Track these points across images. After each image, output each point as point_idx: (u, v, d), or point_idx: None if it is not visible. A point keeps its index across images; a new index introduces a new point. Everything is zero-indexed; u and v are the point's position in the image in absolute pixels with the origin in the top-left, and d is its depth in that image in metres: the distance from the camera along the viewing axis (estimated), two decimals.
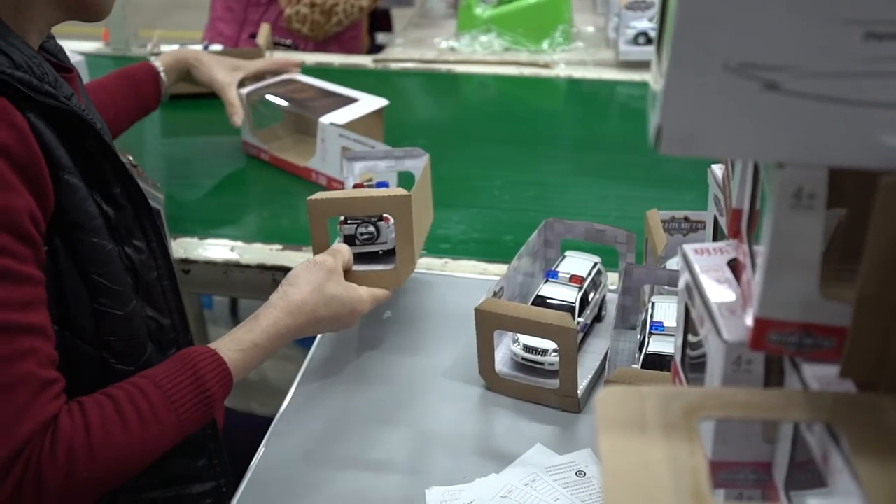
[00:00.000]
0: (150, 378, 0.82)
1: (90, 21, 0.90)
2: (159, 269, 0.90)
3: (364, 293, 0.97)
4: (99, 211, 0.83)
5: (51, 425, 0.75)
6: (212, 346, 0.87)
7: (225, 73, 1.46)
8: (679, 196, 1.38)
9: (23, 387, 0.73)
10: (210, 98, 1.54)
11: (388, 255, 1.04)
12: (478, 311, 0.92)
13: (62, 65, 0.93)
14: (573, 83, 1.91)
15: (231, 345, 0.87)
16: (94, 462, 0.76)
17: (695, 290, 0.56)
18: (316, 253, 1.01)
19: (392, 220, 1.02)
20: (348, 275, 0.99)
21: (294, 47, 2.15)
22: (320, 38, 2.14)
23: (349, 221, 1.02)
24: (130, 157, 1.01)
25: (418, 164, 1.14)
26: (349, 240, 1.02)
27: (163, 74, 1.39)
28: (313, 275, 0.94)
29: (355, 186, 1.10)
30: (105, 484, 0.78)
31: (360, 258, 1.03)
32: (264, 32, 1.72)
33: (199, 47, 1.79)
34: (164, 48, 1.82)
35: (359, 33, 2.26)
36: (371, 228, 1.02)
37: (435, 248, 1.25)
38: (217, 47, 1.78)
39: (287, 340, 0.91)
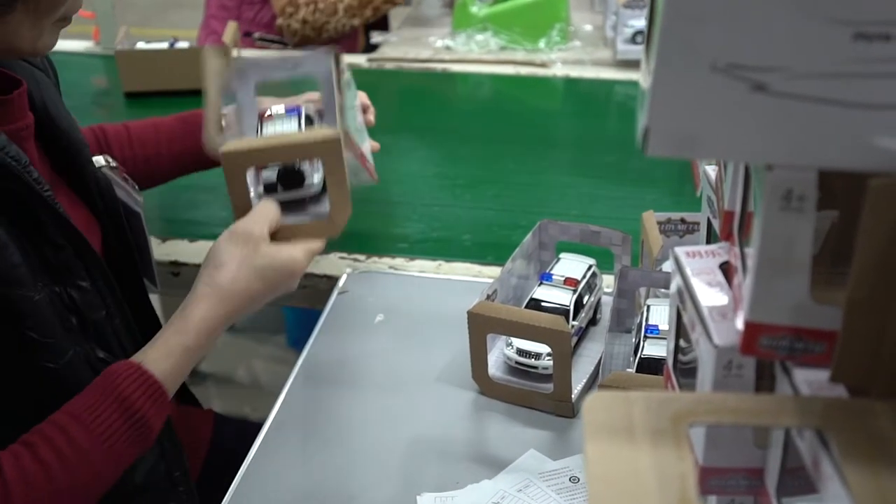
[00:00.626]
0: (69, 412, 0.77)
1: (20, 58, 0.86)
2: (108, 307, 0.87)
3: (298, 252, 0.90)
4: (29, 256, 0.79)
5: None
6: (137, 358, 0.82)
7: None
8: (676, 197, 1.38)
9: None
10: (184, 96, 1.52)
11: (318, 199, 0.96)
12: (470, 314, 0.92)
13: (13, 75, 0.88)
14: (570, 82, 1.91)
15: (158, 354, 0.82)
16: None
17: (686, 293, 0.56)
18: (238, 216, 0.92)
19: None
20: (277, 233, 0.91)
21: (286, 45, 2.16)
22: (323, 39, 2.15)
23: (268, 165, 0.92)
24: (109, 159, 1.01)
25: (320, 66, 1.00)
26: (270, 188, 0.93)
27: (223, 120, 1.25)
28: (238, 248, 0.87)
29: (260, 117, 0.98)
30: None
31: (286, 207, 0.93)
32: (230, 31, 1.72)
33: (164, 45, 1.79)
34: (141, 45, 1.82)
35: (355, 32, 2.27)
36: (295, 172, 0.92)
37: (426, 250, 1.25)
38: (183, 44, 1.79)
39: (224, 329, 0.87)
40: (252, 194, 0.93)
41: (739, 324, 0.49)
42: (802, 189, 0.45)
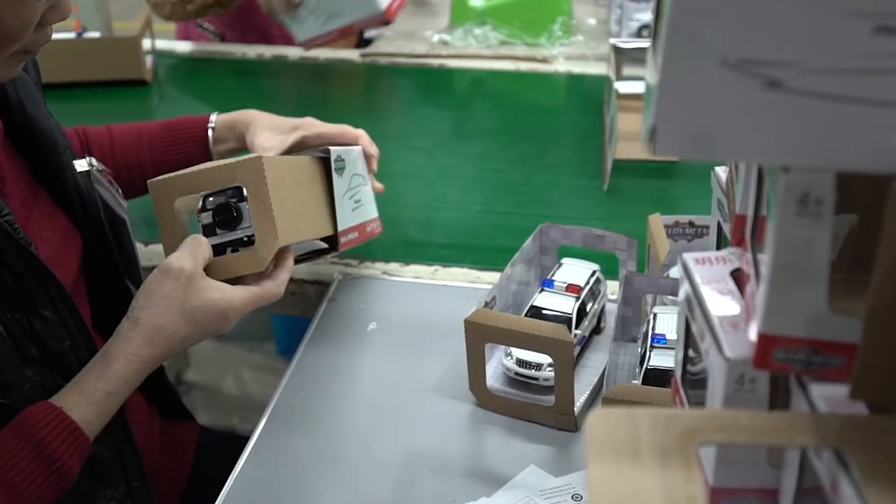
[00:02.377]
0: None
1: None
2: (73, 338, 0.86)
3: (234, 293, 0.87)
4: None
5: None
6: (57, 400, 0.80)
7: (271, 135, 1.16)
8: (684, 199, 1.37)
9: None
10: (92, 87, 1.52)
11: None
12: (468, 322, 0.92)
13: None
14: (573, 79, 1.91)
15: (79, 398, 0.81)
16: None
17: (695, 302, 0.55)
18: (168, 251, 0.90)
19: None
20: (208, 268, 0.89)
21: (220, 36, 2.06)
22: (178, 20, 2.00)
23: (207, 207, 0.92)
24: (95, 162, 1.00)
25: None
26: (208, 230, 0.91)
27: (210, 130, 1.17)
28: (168, 288, 0.85)
29: None
30: None
31: (224, 249, 0.92)
32: (142, 18, 1.70)
33: (72, 35, 1.78)
34: (91, 35, 1.81)
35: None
36: (230, 209, 0.90)
37: (422, 254, 1.24)
38: (94, 34, 1.78)
39: (148, 371, 0.85)
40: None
41: (752, 335, 0.48)
42: (819, 192, 0.44)
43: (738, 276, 0.55)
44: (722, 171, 0.73)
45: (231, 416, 2.07)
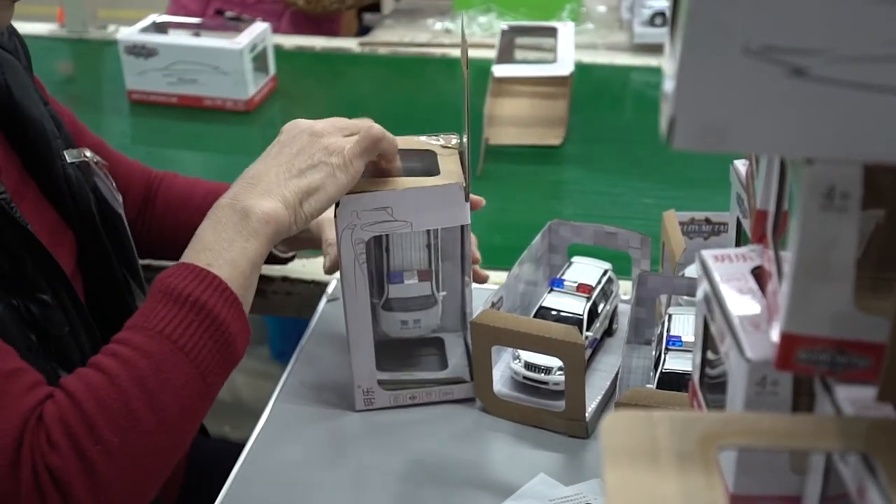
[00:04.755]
0: (125, 328, 0.78)
1: None
2: (72, 324, 0.87)
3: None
4: None
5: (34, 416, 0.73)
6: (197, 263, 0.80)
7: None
8: (700, 195, 1.37)
9: None
10: None
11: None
12: (474, 324, 0.91)
13: None
14: (582, 69, 1.90)
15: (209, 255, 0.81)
16: (98, 434, 0.73)
17: (714, 301, 0.55)
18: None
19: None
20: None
21: (243, 20, 2.10)
22: (318, 12, 2.11)
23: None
24: (88, 153, 1.00)
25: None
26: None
27: None
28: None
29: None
30: (133, 462, 0.75)
31: None
32: None
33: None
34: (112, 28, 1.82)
35: (337, 16, 2.25)
36: None
37: None
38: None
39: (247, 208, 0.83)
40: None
41: (775, 335, 0.48)
42: (846, 186, 0.44)
43: (759, 274, 0.55)
44: (741, 165, 0.74)
45: (223, 424, 2.07)
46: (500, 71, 1.56)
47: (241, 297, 0.81)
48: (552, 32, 1.73)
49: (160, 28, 1.78)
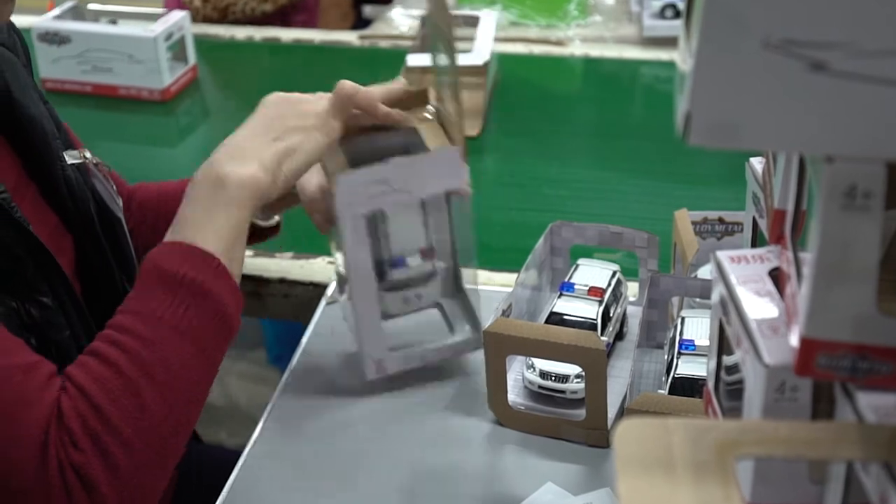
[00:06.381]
0: (119, 312, 0.81)
1: None
2: (73, 327, 0.88)
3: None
4: None
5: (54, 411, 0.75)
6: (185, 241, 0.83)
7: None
8: (713, 193, 1.37)
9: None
10: None
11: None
12: (488, 333, 0.90)
13: None
14: (590, 63, 1.91)
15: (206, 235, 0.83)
16: (111, 424, 0.75)
17: (730, 304, 0.55)
18: None
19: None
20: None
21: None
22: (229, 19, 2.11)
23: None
24: (88, 154, 0.99)
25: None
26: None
27: None
28: None
29: None
30: (148, 452, 0.77)
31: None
32: None
33: None
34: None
35: (315, 4, 2.24)
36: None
37: None
38: None
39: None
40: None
41: (794, 340, 0.48)
42: (868, 184, 0.44)
43: (777, 276, 0.55)
44: (757, 163, 0.74)
45: (219, 430, 2.07)
46: (413, 60, 1.56)
47: (228, 267, 0.84)
48: (474, 21, 1.73)
49: (78, 14, 1.78)
